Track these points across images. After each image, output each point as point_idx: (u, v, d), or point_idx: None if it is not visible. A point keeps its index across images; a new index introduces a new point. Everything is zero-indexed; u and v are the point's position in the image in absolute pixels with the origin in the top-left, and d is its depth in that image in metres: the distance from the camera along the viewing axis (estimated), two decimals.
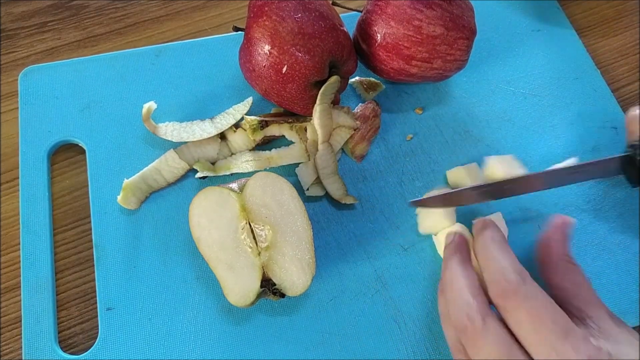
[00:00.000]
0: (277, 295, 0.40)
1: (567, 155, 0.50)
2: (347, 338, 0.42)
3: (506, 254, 0.37)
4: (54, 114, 0.49)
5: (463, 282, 0.37)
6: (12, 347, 0.42)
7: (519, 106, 0.52)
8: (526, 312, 0.34)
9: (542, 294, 0.34)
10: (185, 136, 0.46)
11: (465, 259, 0.39)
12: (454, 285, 0.37)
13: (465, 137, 0.50)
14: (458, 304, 0.36)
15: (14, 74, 0.52)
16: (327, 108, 0.46)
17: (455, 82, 0.53)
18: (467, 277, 0.37)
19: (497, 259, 0.37)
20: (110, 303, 0.42)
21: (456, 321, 0.36)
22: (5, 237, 0.46)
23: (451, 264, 0.39)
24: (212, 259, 0.40)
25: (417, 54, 0.45)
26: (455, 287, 0.37)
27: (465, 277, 0.37)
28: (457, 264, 0.38)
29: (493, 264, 0.37)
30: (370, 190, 0.48)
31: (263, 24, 0.42)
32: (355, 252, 0.45)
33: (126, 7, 0.57)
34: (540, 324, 0.33)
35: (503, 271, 0.35)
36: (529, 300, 0.34)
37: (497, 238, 0.38)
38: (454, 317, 0.36)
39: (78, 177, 0.48)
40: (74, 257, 0.45)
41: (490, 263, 0.37)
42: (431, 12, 0.44)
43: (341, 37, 0.44)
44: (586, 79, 0.54)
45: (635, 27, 0.58)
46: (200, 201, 0.41)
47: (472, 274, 0.38)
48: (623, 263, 0.46)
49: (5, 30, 0.55)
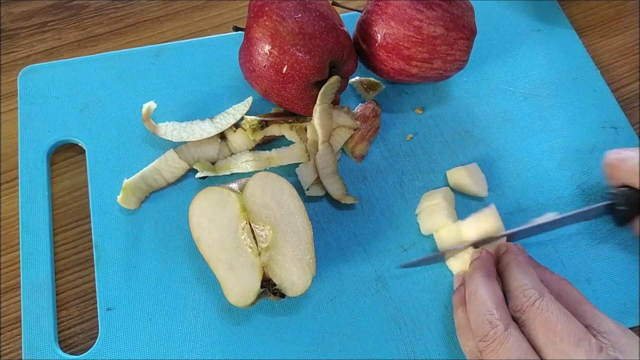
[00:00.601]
0: (277, 296, 0.40)
1: (567, 155, 0.50)
2: (347, 338, 0.42)
3: (526, 274, 0.39)
4: (54, 113, 0.49)
5: (487, 293, 0.38)
6: (12, 347, 0.42)
7: (519, 106, 0.52)
8: (541, 323, 0.36)
9: (559, 307, 0.36)
10: (185, 136, 0.46)
11: (489, 274, 0.40)
12: (478, 296, 0.38)
13: (465, 137, 0.50)
14: (481, 312, 0.37)
15: (14, 74, 0.52)
16: (327, 108, 0.46)
17: (456, 82, 0.53)
18: (491, 289, 0.38)
19: (518, 277, 0.38)
20: (110, 303, 0.42)
21: (478, 329, 0.37)
22: (5, 237, 0.46)
23: (475, 276, 0.40)
24: (212, 259, 0.40)
25: (417, 54, 0.45)
26: (479, 297, 0.38)
27: (488, 289, 0.38)
28: (482, 277, 0.39)
29: (514, 282, 0.38)
30: (370, 190, 0.48)
31: (263, 24, 0.42)
32: (355, 252, 0.45)
33: (126, 7, 0.57)
34: (555, 334, 0.35)
35: (523, 288, 0.38)
36: (543, 312, 0.36)
37: (519, 259, 0.40)
38: (476, 325, 0.38)
39: (78, 177, 0.48)
40: (74, 257, 0.45)
41: (512, 281, 0.39)
42: (431, 13, 0.44)
43: (341, 37, 0.44)
44: (586, 79, 0.54)
45: (635, 27, 0.58)
46: (200, 201, 0.41)
47: (496, 288, 0.39)
48: (623, 263, 0.46)
49: (5, 30, 0.55)
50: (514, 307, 0.38)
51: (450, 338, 0.42)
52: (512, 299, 0.38)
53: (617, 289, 0.45)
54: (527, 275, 0.39)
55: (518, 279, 0.38)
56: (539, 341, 0.35)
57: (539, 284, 0.38)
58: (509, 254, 0.41)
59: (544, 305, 0.36)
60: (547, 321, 0.35)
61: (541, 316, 0.36)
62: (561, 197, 0.48)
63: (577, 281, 0.44)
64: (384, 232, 0.46)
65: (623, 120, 0.52)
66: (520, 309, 0.37)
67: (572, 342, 0.34)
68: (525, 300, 0.37)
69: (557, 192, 0.48)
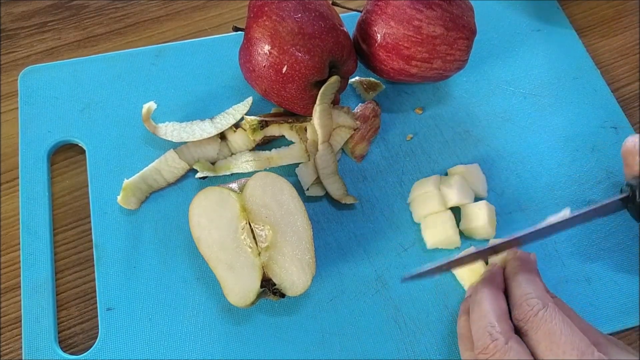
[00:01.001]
0: (277, 295, 0.40)
1: (567, 155, 0.50)
2: (347, 338, 0.42)
3: (531, 282, 0.38)
4: (54, 114, 0.49)
5: (490, 305, 0.38)
6: (12, 347, 0.42)
7: (519, 106, 0.52)
8: (544, 335, 0.35)
9: (562, 318, 0.36)
10: (185, 136, 0.46)
11: (496, 286, 0.40)
12: (481, 307, 0.38)
13: (465, 137, 0.50)
14: (483, 324, 0.37)
15: (14, 74, 0.52)
16: (327, 108, 0.46)
17: (455, 82, 0.53)
18: (495, 302, 0.38)
19: (522, 286, 0.38)
20: (110, 303, 0.42)
21: (478, 341, 0.37)
22: (5, 237, 0.46)
23: (482, 287, 0.39)
24: (212, 259, 0.40)
25: (417, 54, 0.45)
26: (482, 309, 0.38)
27: (492, 301, 0.38)
28: (488, 289, 0.39)
29: (518, 291, 0.38)
30: (370, 190, 0.48)
31: (263, 24, 0.42)
32: (355, 252, 0.45)
33: (126, 7, 0.57)
34: (558, 346, 0.34)
35: (526, 297, 0.37)
36: (547, 323, 0.35)
37: (526, 267, 0.40)
38: (476, 337, 0.37)
39: (78, 177, 0.48)
40: (74, 257, 0.45)
41: (516, 289, 0.38)
42: (431, 12, 0.44)
43: (341, 37, 0.44)
44: (586, 78, 0.54)
45: (635, 27, 0.58)
46: (200, 201, 0.41)
47: (500, 301, 0.38)
48: (623, 263, 0.46)
49: (5, 30, 0.55)
50: (517, 317, 0.37)
51: (450, 338, 0.42)
52: (516, 308, 0.37)
53: (617, 289, 0.45)
54: (532, 283, 0.38)
55: (522, 287, 0.38)
56: (541, 353, 0.35)
57: (543, 293, 0.37)
58: (515, 260, 0.41)
59: (548, 316, 0.36)
60: (550, 333, 0.35)
61: (544, 327, 0.35)
62: (561, 196, 0.48)
63: (577, 281, 0.45)
64: (384, 232, 0.46)
65: (623, 120, 0.52)
66: (523, 319, 0.36)
67: (575, 355, 0.34)
68: (529, 310, 0.36)
69: (557, 192, 0.48)
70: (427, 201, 0.45)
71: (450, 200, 0.45)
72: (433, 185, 0.46)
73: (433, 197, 0.45)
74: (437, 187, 0.45)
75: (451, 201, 0.45)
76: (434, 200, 0.45)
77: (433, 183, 0.46)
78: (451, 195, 0.45)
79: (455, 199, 0.44)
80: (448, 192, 0.45)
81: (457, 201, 0.44)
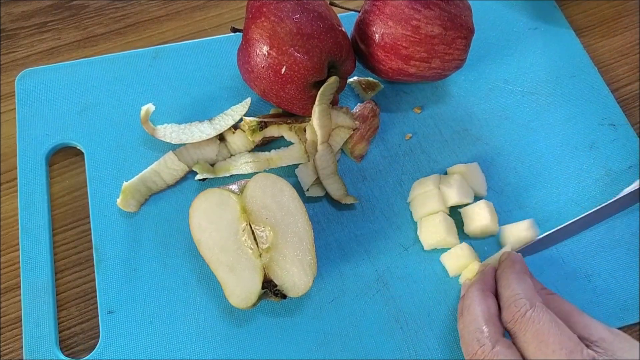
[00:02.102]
0: (278, 297, 0.40)
1: (565, 153, 0.50)
2: (349, 338, 0.42)
3: (521, 282, 0.38)
4: (52, 116, 0.49)
5: (479, 309, 0.38)
6: (12, 347, 0.42)
7: (517, 104, 0.52)
8: (532, 336, 0.35)
9: (550, 317, 0.36)
10: (184, 138, 0.46)
11: (486, 288, 0.40)
12: (470, 311, 0.38)
13: (464, 136, 0.50)
14: (471, 329, 0.37)
15: (14, 74, 0.52)
16: (326, 108, 0.46)
17: (454, 81, 0.53)
18: (483, 304, 0.38)
19: (512, 286, 0.38)
20: (111, 306, 0.42)
21: (467, 347, 0.37)
22: (5, 237, 0.45)
23: (472, 290, 0.40)
24: (213, 261, 0.40)
25: (416, 53, 0.45)
26: (471, 312, 0.38)
27: (481, 304, 0.38)
28: (477, 291, 0.39)
29: (506, 291, 0.38)
30: (370, 190, 0.48)
31: (261, 25, 0.42)
32: (355, 252, 0.45)
33: (126, 7, 0.57)
34: (547, 346, 0.34)
35: (515, 297, 0.37)
36: (534, 323, 0.35)
37: (516, 268, 0.40)
38: (466, 343, 0.38)
39: (77, 177, 0.48)
40: (73, 257, 0.45)
41: (505, 290, 0.38)
42: (429, 12, 0.44)
43: (339, 38, 0.44)
44: (583, 76, 0.54)
45: (635, 27, 0.58)
46: (200, 203, 0.41)
47: (489, 302, 0.39)
48: (623, 260, 0.46)
49: (5, 30, 0.55)
50: (505, 318, 0.37)
51: (452, 338, 0.42)
52: (504, 309, 0.38)
53: (617, 286, 0.45)
54: (521, 283, 0.38)
55: (511, 287, 0.38)
56: (531, 354, 0.35)
57: (531, 293, 0.37)
58: (504, 261, 0.41)
59: (535, 316, 0.36)
60: (538, 333, 0.35)
61: (532, 328, 0.35)
62: (560, 194, 0.48)
63: (577, 278, 0.45)
64: (384, 232, 0.46)
65: (621, 117, 0.52)
66: (512, 320, 0.36)
67: (564, 355, 0.34)
68: (517, 311, 0.36)
69: (556, 189, 0.48)
70: (427, 200, 0.45)
71: (451, 199, 0.45)
72: (433, 185, 0.46)
73: (433, 197, 0.45)
74: (436, 186, 0.46)
75: (451, 200, 0.45)
76: (434, 200, 0.45)
77: (433, 182, 0.46)
78: (451, 194, 0.45)
79: (455, 198, 0.45)
80: (448, 191, 0.45)
81: (457, 200, 0.45)
